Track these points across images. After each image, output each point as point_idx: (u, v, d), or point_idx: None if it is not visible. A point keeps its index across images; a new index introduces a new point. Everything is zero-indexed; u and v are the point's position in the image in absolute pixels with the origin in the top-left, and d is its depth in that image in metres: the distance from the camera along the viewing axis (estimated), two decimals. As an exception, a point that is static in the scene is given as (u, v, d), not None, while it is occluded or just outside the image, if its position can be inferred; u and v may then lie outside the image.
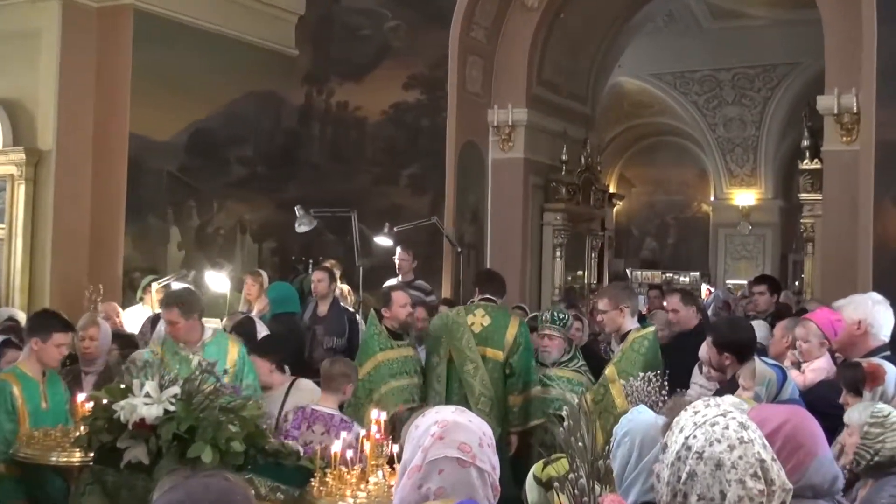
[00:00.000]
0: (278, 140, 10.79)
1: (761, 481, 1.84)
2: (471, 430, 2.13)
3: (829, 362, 4.51)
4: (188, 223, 9.64)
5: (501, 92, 11.16)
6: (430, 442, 2.10)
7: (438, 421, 2.14)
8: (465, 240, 10.49)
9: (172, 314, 5.04)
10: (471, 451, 2.08)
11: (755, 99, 17.87)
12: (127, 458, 3.71)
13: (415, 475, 2.10)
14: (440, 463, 2.07)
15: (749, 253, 19.19)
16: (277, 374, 5.43)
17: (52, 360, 4.82)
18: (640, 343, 5.45)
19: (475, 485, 2.06)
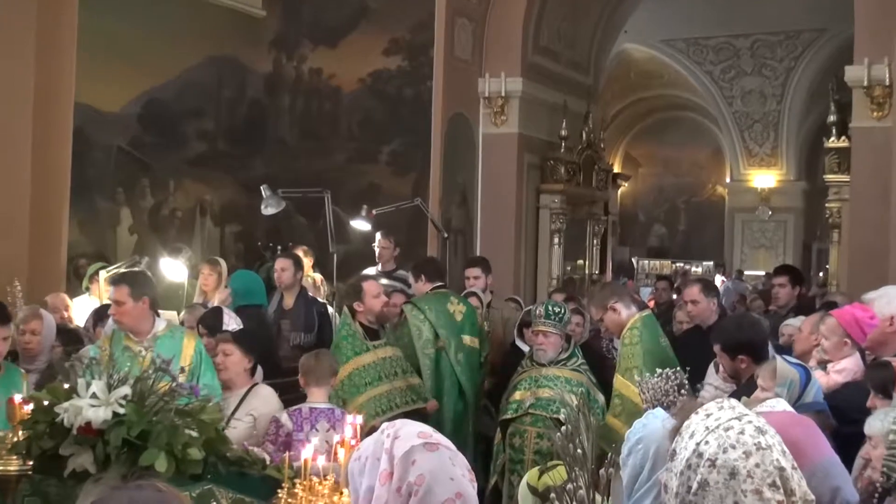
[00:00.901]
0: (242, 112, 10.72)
1: (780, 492, 1.85)
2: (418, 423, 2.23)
3: (856, 363, 4.52)
4: (141, 204, 9.57)
5: (494, 59, 11.14)
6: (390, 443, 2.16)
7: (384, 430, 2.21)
8: (452, 224, 10.49)
9: (121, 293, 5.03)
10: (431, 435, 2.16)
11: (777, 69, 17.93)
12: (71, 467, 3.68)
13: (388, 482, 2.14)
14: (409, 454, 2.13)
15: (768, 241, 19.29)
16: (247, 375, 5.42)
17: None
18: (631, 336, 5.47)
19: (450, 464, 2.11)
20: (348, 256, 9.08)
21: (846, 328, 4.56)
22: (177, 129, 9.97)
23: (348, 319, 6.03)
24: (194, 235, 10.09)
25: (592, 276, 13.18)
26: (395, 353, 6.17)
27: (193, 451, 3.71)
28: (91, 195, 9.13)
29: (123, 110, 9.40)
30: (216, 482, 3.87)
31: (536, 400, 5.87)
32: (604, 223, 13.83)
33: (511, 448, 5.85)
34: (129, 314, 5.05)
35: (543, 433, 5.79)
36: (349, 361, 5.89)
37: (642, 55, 18.26)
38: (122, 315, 5.06)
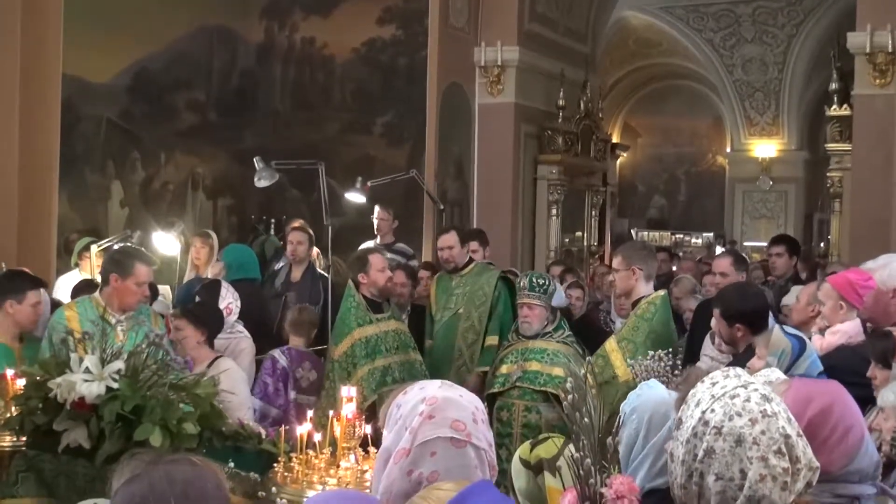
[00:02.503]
0: (234, 82, 10.66)
1: (785, 458, 1.86)
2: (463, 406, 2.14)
3: (854, 326, 4.54)
4: (132, 178, 9.54)
5: (490, 27, 11.09)
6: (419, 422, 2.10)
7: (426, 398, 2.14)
8: (447, 196, 10.48)
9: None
10: (465, 429, 2.09)
11: (778, 37, 17.85)
12: (65, 442, 3.69)
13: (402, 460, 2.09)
14: (432, 445, 2.07)
15: (769, 211, 19.29)
16: (206, 348, 5.45)
17: (29, 321, 5.10)
18: (647, 309, 5.48)
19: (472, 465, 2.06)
20: (343, 229, 9.07)
21: (841, 292, 4.59)
22: (167, 100, 9.93)
23: (352, 291, 6.04)
24: (186, 209, 10.07)
25: (591, 247, 13.19)
26: (399, 327, 6.18)
27: (188, 425, 3.73)
28: (81, 169, 9.09)
29: (112, 81, 9.34)
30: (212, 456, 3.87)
31: (524, 373, 5.87)
32: (602, 194, 13.82)
33: (499, 422, 5.86)
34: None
35: (531, 406, 5.82)
36: (352, 332, 5.89)
37: (641, 22, 18.17)
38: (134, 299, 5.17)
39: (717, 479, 1.87)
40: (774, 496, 1.85)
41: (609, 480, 1.91)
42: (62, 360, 3.81)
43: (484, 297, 6.74)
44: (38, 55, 8.78)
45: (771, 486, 1.85)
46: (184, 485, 1.71)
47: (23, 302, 5.07)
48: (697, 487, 1.90)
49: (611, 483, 1.90)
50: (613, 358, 5.41)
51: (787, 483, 1.86)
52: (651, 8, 17.86)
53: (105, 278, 5.14)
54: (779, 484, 1.85)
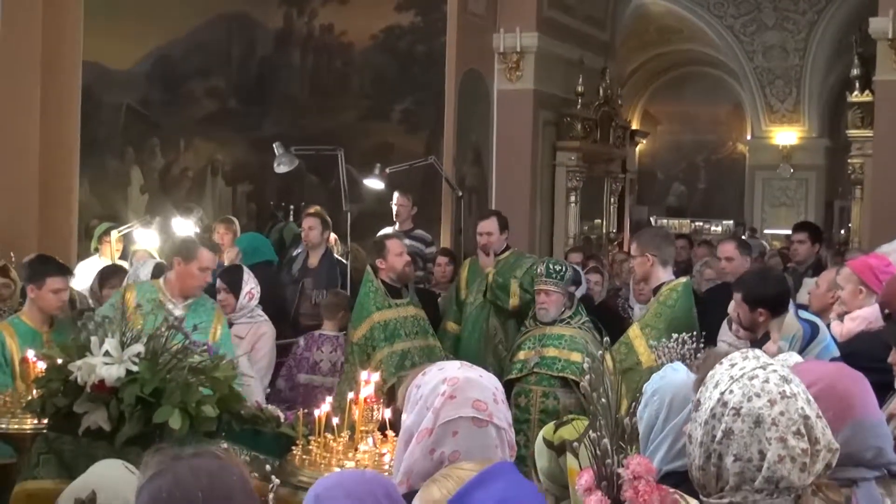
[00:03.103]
0: (253, 70, 10.69)
1: (804, 440, 1.85)
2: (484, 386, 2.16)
3: (873, 312, 4.50)
4: (151, 164, 9.58)
5: (508, 14, 11.05)
6: (441, 402, 2.12)
7: (447, 378, 2.16)
8: (466, 183, 10.46)
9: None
10: (487, 409, 2.11)
11: (799, 23, 17.70)
12: (85, 425, 3.71)
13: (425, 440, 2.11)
14: (454, 424, 2.09)
15: (790, 199, 19.16)
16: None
17: (49, 306, 5.17)
18: (668, 296, 5.46)
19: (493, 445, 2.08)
20: (362, 216, 9.08)
21: (861, 276, 4.55)
22: (186, 87, 9.96)
23: (371, 276, 6.05)
24: (206, 195, 10.11)
25: (609, 235, 13.16)
26: (419, 313, 6.19)
27: (207, 408, 3.74)
28: (101, 155, 9.14)
29: (132, 68, 9.38)
30: (230, 440, 3.90)
31: (541, 359, 5.87)
32: (621, 181, 13.77)
33: (516, 408, 5.86)
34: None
35: (549, 392, 5.82)
36: (371, 316, 5.90)
37: (661, 9, 18.05)
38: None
39: (736, 460, 1.86)
40: (793, 477, 1.84)
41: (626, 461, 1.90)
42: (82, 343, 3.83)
43: None
44: (59, 42, 8.82)
45: (790, 467, 1.84)
46: (209, 478, 1.72)
47: (42, 287, 5.14)
48: (716, 469, 1.89)
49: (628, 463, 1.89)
50: (637, 344, 5.40)
51: (806, 464, 1.85)
52: (671, -6, 17.75)
53: (169, 262, 5.29)
54: (798, 465, 1.84)
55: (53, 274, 5.20)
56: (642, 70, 19.85)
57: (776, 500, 1.86)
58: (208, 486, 1.70)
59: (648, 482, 1.89)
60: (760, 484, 1.85)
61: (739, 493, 1.87)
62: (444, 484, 1.84)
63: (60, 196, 8.76)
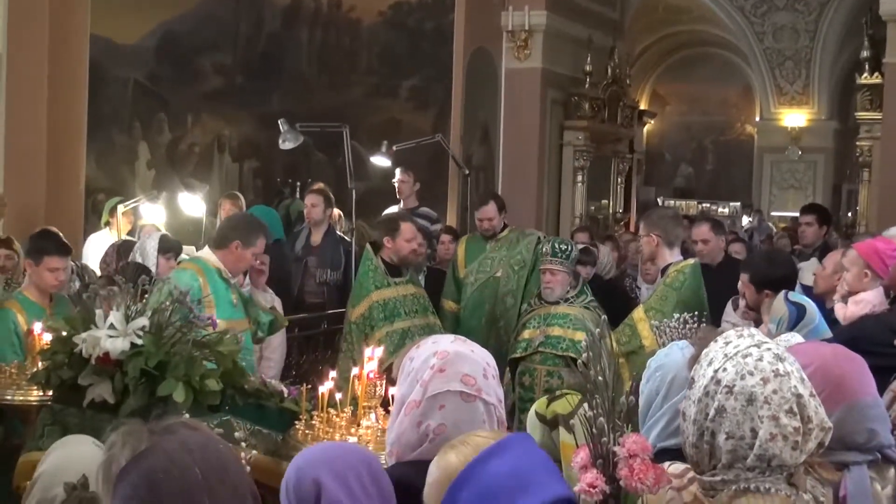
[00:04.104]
0: (260, 46, 10.67)
1: (797, 418, 1.86)
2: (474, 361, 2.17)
3: (877, 295, 4.51)
4: (158, 139, 9.59)
5: (517, -9, 11.01)
6: (430, 375, 2.13)
7: (438, 352, 2.18)
8: (473, 161, 10.46)
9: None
10: (475, 384, 2.12)
11: (810, 4, 17.60)
12: (90, 397, 3.74)
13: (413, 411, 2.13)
14: (441, 398, 2.11)
15: (798, 182, 19.12)
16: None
17: (45, 285, 5.10)
18: (675, 278, 5.47)
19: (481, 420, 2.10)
20: (368, 193, 9.09)
21: (866, 259, 4.53)
22: (194, 62, 9.95)
23: (370, 255, 6.05)
24: (212, 171, 10.12)
25: (616, 215, 13.16)
26: (418, 292, 6.20)
27: (211, 382, 3.77)
28: (108, 130, 9.15)
29: (139, 43, 9.37)
30: (234, 414, 3.93)
31: (546, 338, 5.88)
32: (629, 161, 13.76)
33: (521, 387, 5.89)
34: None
35: (553, 371, 5.83)
36: (370, 294, 5.92)
37: (671, -11, 17.98)
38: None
39: (728, 437, 1.88)
40: (785, 455, 1.86)
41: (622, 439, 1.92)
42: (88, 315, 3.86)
43: (522, 262, 6.78)
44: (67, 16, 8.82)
45: (782, 446, 1.86)
46: (202, 451, 1.65)
47: (39, 265, 5.07)
48: (709, 446, 1.91)
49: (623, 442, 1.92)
50: (641, 328, 5.41)
51: (798, 443, 1.87)
52: (681, -26, 17.65)
53: (224, 242, 5.13)
54: (790, 443, 1.86)
55: (52, 253, 5.11)
56: (651, 50, 19.77)
57: (768, 477, 1.87)
58: (202, 459, 1.63)
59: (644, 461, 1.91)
60: (752, 462, 1.87)
61: (732, 471, 1.89)
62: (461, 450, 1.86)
63: (68, 171, 8.78)
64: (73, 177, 8.85)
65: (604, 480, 1.94)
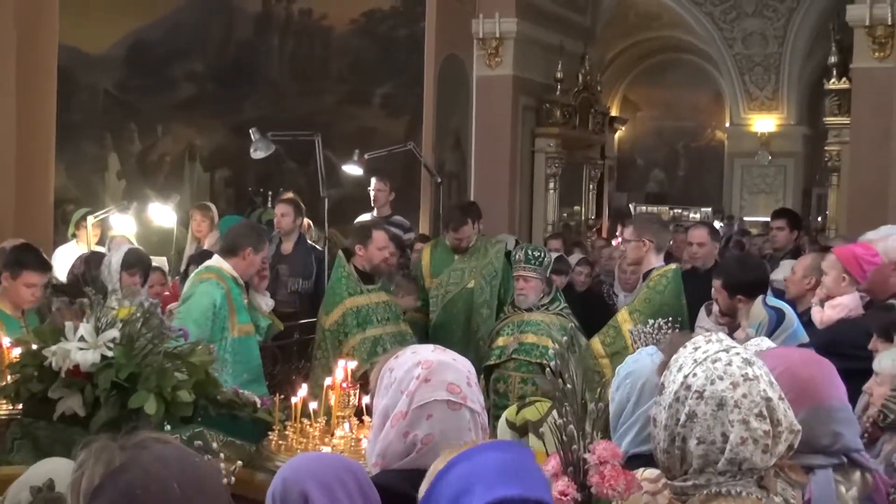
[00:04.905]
0: (231, 53, 10.64)
1: (766, 421, 1.88)
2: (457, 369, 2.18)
3: (853, 300, 4.55)
4: (129, 149, 9.55)
5: (488, -1, 11.04)
6: (416, 385, 2.14)
7: (421, 362, 2.18)
8: (445, 168, 10.47)
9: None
10: (461, 392, 2.14)
11: (778, 10, 17.76)
12: (60, 410, 3.71)
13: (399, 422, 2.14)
14: (429, 407, 2.12)
15: (768, 186, 19.27)
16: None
17: (20, 299, 5.03)
18: (658, 281, 5.51)
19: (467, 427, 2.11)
20: (341, 201, 9.07)
21: (845, 264, 4.57)
22: (164, 71, 9.91)
23: (343, 262, 6.04)
24: (184, 180, 10.08)
25: (588, 221, 13.20)
26: (390, 299, 6.20)
27: (183, 393, 3.74)
28: (78, 140, 9.10)
29: (109, 52, 9.33)
30: (206, 425, 3.90)
31: (520, 345, 5.89)
32: (600, 168, 13.81)
33: (495, 394, 5.90)
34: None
35: (528, 378, 5.84)
36: (343, 301, 5.91)
37: (641, -5, 18.10)
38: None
39: (699, 442, 1.89)
40: (756, 459, 1.87)
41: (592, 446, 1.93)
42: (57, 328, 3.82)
43: (494, 271, 6.78)
44: (35, 26, 8.77)
45: (752, 449, 1.87)
46: (178, 463, 1.63)
47: (17, 278, 5.00)
48: (680, 452, 1.92)
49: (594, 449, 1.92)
50: (625, 329, 5.44)
51: (769, 446, 1.88)
52: (652, -20, 17.77)
53: (235, 250, 5.27)
54: (760, 447, 1.87)
55: (32, 268, 5.05)
56: (622, 56, 19.88)
57: (739, 481, 1.89)
58: (179, 472, 1.61)
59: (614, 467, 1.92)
60: (723, 466, 1.88)
61: (703, 476, 1.90)
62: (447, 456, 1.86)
63: (37, 181, 8.72)
64: (42, 187, 8.79)
65: (575, 488, 1.95)
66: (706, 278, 6.05)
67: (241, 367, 5.18)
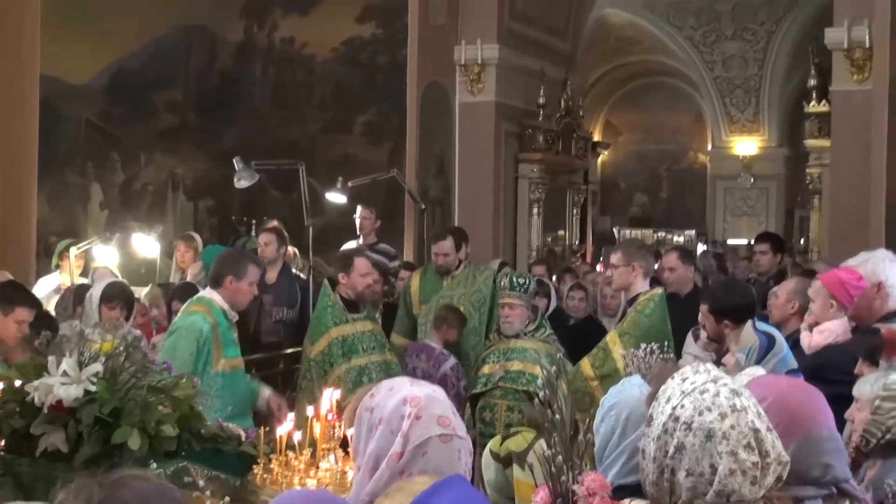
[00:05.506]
0: (213, 82, 10.65)
1: (755, 453, 1.87)
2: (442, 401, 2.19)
3: (841, 325, 4.56)
4: (111, 179, 9.52)
5: (470, 25, 11.10)
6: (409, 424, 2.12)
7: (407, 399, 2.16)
8: (429, 195, 10.48)
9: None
10: (450, 424, 2.14)
11: (758, 33, 17.92)
12: (43, 446, 3.66)
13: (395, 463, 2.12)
14: (425, 446, 2.11)
15: (751, 209, 19.38)
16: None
17: (8, 335, 4.93)
18: (646, 305, 5.52)
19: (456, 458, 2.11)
20: (325, 229, 9.06)
21: (831, 291, 4.58)
22: (146, 100, 9.91)
23: (328, 291, 6.03)
24: (167, 210, 10.05)
25: (573, 246, 13.23)
26: (375, 328, 6.18)
27: (167, 427, 3.70)
28: (60, 170, 9.07)
29: (91, 82, 9.32)
30: (191, 459, 3.86)
31: (506, 373, 5.87)
32: (584, 192, 13.87)
33: (482, 422, 5.87)
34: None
35: (514, 406, 5.82)
36: (329, 331, 5.89)
37: (622, 20, 18.20)
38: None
39: (688, 474, 1.88)
40: (744, 490, 1.87)
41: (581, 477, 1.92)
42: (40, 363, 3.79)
43: (483, 299, 6.77)
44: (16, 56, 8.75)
45: (741, 481, 1.87)
46: (158, 498, 1.67)
47: (8, 315, 4.93)
48: (669, 484, 1.92)
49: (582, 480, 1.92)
50: (615, 351, 5.44)
51: (757, 477, 1.88)
52: (631, 5, 17.90)
53: (219, 280, 5.25)
54: (748, 478, 1.87)
55: (24, 304, 4.98)
56: (604, 81, 20.00)
57: (728, 513, 1.88)
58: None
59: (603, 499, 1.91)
60: (712, 498, 1.88)
61: (692, 507, 1.90)
62: (395, 497, 1.86)
63: (19, 212, 8.68)
64: (24, 219, 8.74)
65: (564, 520, 1.93)
66: (685, 303, 6.09)
67: (227, 402, 5.14)
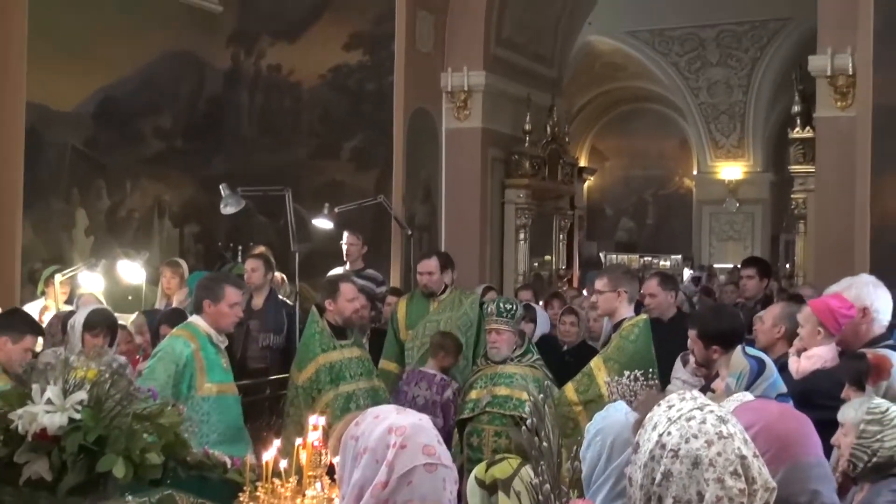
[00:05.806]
0: (200, 109, 10.64)
1: (741, 479, 1.88)
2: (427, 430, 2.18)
3: (829, 351, 4.56)
4: (97, 205, 9.47)
5: (456, 52, 11.17)
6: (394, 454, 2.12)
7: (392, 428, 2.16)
8: (416, 221, 10.50)
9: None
10: (436, 453, 2.13)
11: (742, 60, 18.09)
12: (27, 475, 3.64)
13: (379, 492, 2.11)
14: (410, 475, 2.11)
15: (737, 233, 19.49)
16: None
17: (12, 363, 4.98)
18: (630, 331, 5.53)
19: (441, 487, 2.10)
20: (312, 255, 9.05)
21: (820, 317, 4.59)
22: (133, 127, 9.88)
23: (316, 317, 6.03)
24: (153, 237, 10.00)
25: (559, 271, 13.26)
26: (363, 355, 6.18)
27: (152, 455, 3.68)
28: (45, 197, 9.02)
29: (77, 109, 9.29)
30: (176, 487, 3.85)
31: (493, 398, 5.87)
32: (570, 218, 13.92)
33: (469, 447, 5.87)
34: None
35: (501, 431, 5.81)
36: (316, 358, 5.89)
37: (607, 47, 18.35)
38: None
39: (676, 501, 1.88)
40: (731, 518, 1.87)
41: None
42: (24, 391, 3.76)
43: (469, 322, 6.78)
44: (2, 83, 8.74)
45: (728, 508, 1.87)
46: None
47: (18, 343, 5.01)
48: (656, 511, 1.91)
49: (570, 507, 1.91)
50: (599, 377, 5.45)
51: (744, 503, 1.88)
52: (617, 32, 18.05)
53: (198, 305, 5.32)
54: (735, 505, 1.87)
55: (33, 333, 5.11)
56: (589, 107, 20.14)
57: (715, 540, 1.88)
58: None
59: (591, 525, 1.91)
60: (699, 525, 1.87)
61: (680, 535, 1.89)
62: None
63: (4, 239, 8.64)
64: (8, 245, 8.70)
65: (552, 547, 1.93)
66: (669, 328, 6.09)
67: (214, 427, 5.12)
